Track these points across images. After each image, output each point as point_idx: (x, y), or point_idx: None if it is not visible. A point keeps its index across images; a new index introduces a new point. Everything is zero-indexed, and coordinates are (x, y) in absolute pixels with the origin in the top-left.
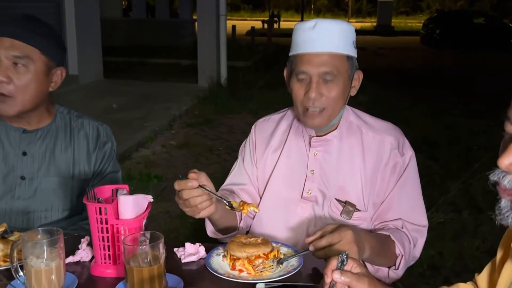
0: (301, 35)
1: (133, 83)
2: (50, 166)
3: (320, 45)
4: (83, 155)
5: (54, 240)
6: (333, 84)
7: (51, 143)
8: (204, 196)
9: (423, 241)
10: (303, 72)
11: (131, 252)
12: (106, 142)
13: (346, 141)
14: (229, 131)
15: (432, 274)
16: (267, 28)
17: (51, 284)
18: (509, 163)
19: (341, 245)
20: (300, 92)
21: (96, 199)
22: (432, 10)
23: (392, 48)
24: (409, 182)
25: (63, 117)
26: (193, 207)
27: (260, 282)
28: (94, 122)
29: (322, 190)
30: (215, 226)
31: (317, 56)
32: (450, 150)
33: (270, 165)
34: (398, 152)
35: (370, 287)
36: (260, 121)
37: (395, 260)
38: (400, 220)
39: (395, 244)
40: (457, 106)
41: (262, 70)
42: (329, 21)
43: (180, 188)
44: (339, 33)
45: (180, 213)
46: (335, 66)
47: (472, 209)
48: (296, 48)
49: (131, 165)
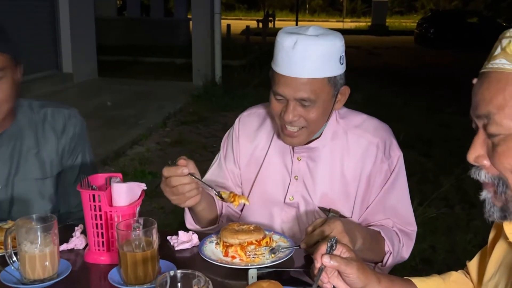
0: (280, 51)
1: (128, 82)
2: (21, 169)
3: (298, 69)
4: (52, 149)
5: (48, 226)
6: (311, 108)
7: (17, 145)
8: (192, 184)
9: (412, 244)
10: (279, 94)
11: (124, 238)
12: (74, 124)
13: (330, 147)
14: (224, 129)
15: (424, 268)
16: (262, 27)
17: (45, 269)
18: (475, 156)
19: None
20: (277, 109)
21: (90, 186)
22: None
23: (386, 48)
24: (397, 186)
25: (25, 113)
26: (181, 195)
27: (252, 267)
28: (58, 109)
29: (305, 197)
30: (195, 218)
31: (294, 80)
32: (443, 147)
33: (255, 165)
34: (384, 156)
35: (359, 271)
36: (245, 114)
37: (383, 257)
38: (390, 220)
39: (385, 240)
40: (451, 104)
41: (257, 69)
42: (311, 40)
43: (169, 174)
44: (321, 54)
45: (174, 209)
46: (314, 91)
47: (465, 204)
48: (275, 63)
49: (125, 162)
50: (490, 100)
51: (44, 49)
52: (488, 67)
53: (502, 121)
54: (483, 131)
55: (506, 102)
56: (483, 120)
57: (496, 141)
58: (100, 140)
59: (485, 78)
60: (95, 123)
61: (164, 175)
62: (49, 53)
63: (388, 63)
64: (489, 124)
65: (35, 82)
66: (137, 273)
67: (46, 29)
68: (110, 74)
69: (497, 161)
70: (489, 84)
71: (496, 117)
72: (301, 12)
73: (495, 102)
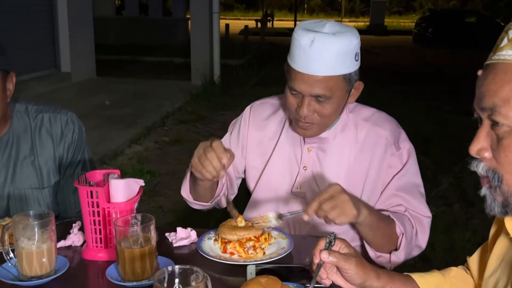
0: (297, 48)
1: (126, 81)
2: (17, 177)
3: (315, 67)
4: (49, 156)
5: (45, 222)
6: (326, 103)
7: (13, 152)
8: (217, 172)
9: (426, 231)
10: (295, 89)
11: (122, 234)
12: (72, 131)
13: (340, 139)
14: (222, 128)
15: (423, 266)
16: (260, 27)
17: (42, 266)
18: (478, 148)
19: (333, 199)
20: (292, 103)
21: (88, 182)
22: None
23: (385, 47)
24: (408, 176)
25: (21, 118)
26: (200, 167)
27: (251, 264)
28: (55, 114)
29: (312, 188)
30: (192, 187)
31: (311, 77)
32: (441, 146)
33: (264, 153)
34: (394, 148)
35: (358, 267)
36: (257, 103)
37: (397, 242)
38: (402, 206)
39: (395, 223)
40: (449, 103)
41: (255, 68)
42: (328, 38)
43: (214, 150)
44: (337, 53)
45: (173, 208)
46: (329, 88)
47: (463, 203)
48: (291, 58)
49: (123, 161)
50: (496, 92)
51: (42, 48)
52: (494, 59)
53: (508, 113)
54: (488, 124)
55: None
56: (488, 112)
57: (501, 134)
58: (99, 139)
59: (491, 69)
60: (93, 122)
61: (212, 145)
62: (47, 52)
63: (387, 62)
64: (494, 117)
65: (33, 82)
66: (135, 269)
67: (44, 28)
68: (109, 73)
69: (502, 155)
70: (495, 76)
71: (502, 109)
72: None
73: (501, 94)
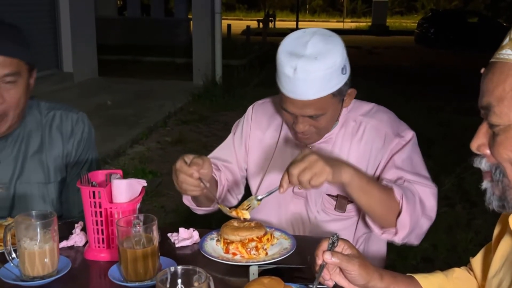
0: (282, 74)
1: (128, 81)
2: (24, 172)
3: (301, 92)
4: (58, 153)
5: (48, 222)
6: (320, 119)
7: (22, 147)
8: (196, 186)
9: (431, 199)
10: (287, 111)
11: (124, 234)
12: (82, 130)
13: (341, 135)
14: (224, 128)
15: (425, 266)
16: (262, 27)
17: (45, 266)
18: (477, 144)
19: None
20: (288, 119)
21: (90, 183)
22: (426, 10)
23: (386, 47)
24: (408, 151)
25: (32, 115)
26: (182, 189)
27: (253, 264)
28: (66, 112)
29: None
30: (192, 197)
31: (299, 101)
32: (443, 147)
33: (266, 153)
34: (395, 137)
35: (361, 268)
36: (259, 102)
37: (398, 209)
38: (401, 179)
39: (393, 188)
40: (451, 103)
41: (257, 69)
42: (311, 65)
43: (180, 170)
44: (322, 76)
45: (175, 208)
46: (320, 107)
47: (465, 203)
48: (279, 81)
49: (125, 161)
50: (492, 91)
51: (45, 48)
52: (495, 58)
53: (501, 112)
54: (486, 121)
55: (506, 93)
56: (485, 111)
57: (496, 131)
58: (101, 139)
59: (490, 68)
60: (95, 122)
61: (176, 167)
62: (49, 52)
63: (389, 62)
64: (489, 115)
65: (35, 81)
66: (137, 270)
67: (46, 28)
68: (111, 74)
69: (496, 151)
70: (493, 75)
71: (496, 109)
72: (301, 12)
73: (496, 93)
